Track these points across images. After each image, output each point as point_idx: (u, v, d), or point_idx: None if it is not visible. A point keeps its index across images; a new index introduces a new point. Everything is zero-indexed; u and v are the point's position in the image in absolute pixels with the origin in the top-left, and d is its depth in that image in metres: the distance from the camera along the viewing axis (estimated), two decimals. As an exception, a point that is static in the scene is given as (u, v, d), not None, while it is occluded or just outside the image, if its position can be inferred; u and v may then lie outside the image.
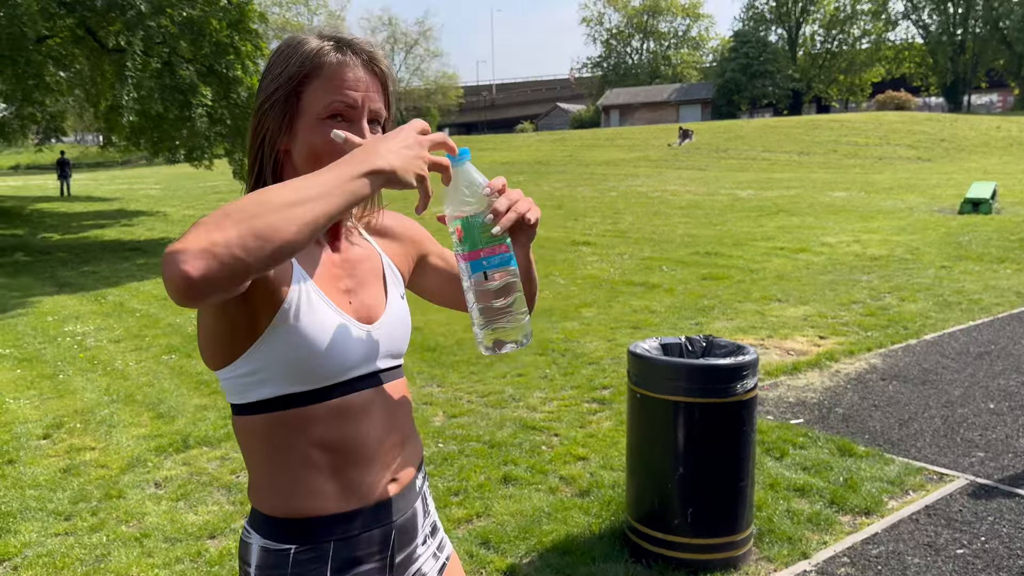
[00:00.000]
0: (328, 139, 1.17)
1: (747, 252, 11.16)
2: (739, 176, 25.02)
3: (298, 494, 1.21)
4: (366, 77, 1.22)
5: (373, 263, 1.35)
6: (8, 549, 3.51)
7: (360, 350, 1.24)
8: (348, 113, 1.20)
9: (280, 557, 1.22)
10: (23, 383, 6.17)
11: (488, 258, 1.16)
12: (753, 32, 63.14)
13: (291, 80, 1.20)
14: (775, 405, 5.14)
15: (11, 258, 13.51)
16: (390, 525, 1.29)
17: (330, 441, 1.21)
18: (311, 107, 1.20)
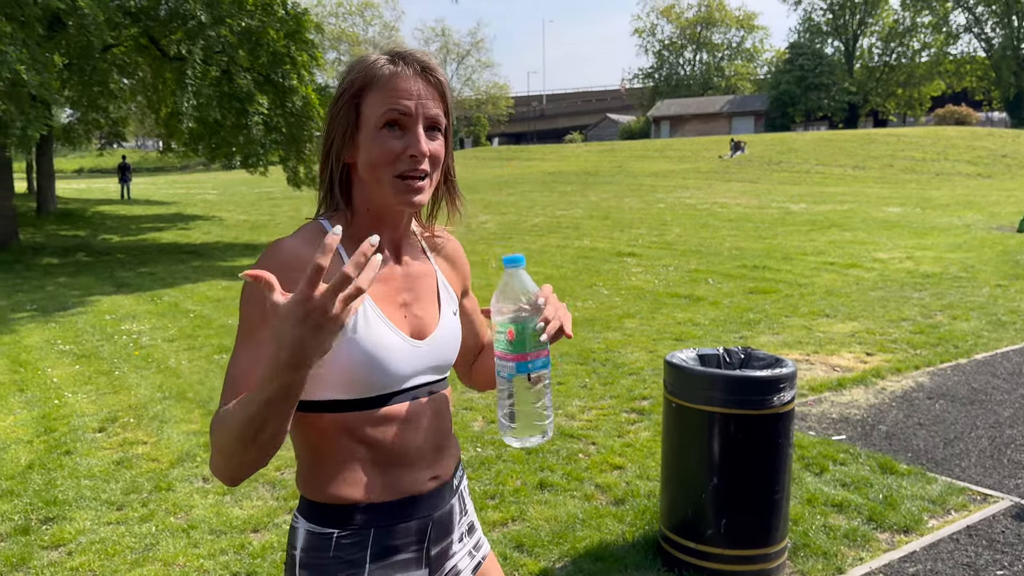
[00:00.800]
0: (384, 149, 1.24)
1: (796, 266, 11.03)
2: (791, 189, 24.71)
3: (343, 484, 1.29)
4: (420, 86, 1.26)
5: (429, 280, 1.42)
6: (64, 535, 3.67)
7: (410, 364, 1.31)
8: (402, 121, 1.25)
9: (324, 540, 1.30)
10: (81, 378, 6.41)
11: (533, 361, 1.25)
12: (809, 44, 62.30)
13: (351, 94, 1.26)
14: (817, 421, 5.09)
15: (73, 258, 14.00)
16: (427, 518, 1.36)
17: (376, 442, 1.29)
18: (369, 119, 1.25)
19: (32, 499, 4.07)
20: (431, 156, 1.27)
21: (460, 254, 1.54)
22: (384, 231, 1.33)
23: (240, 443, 1.09)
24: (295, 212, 21.48)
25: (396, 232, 1.36)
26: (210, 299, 9.84)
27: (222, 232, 17.99)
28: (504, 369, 1.26)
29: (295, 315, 0.98)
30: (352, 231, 1.30)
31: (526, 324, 1.24)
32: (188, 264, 13.13)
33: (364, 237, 1.22)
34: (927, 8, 60.81)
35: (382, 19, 70.62)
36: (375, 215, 1.32)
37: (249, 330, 1.21)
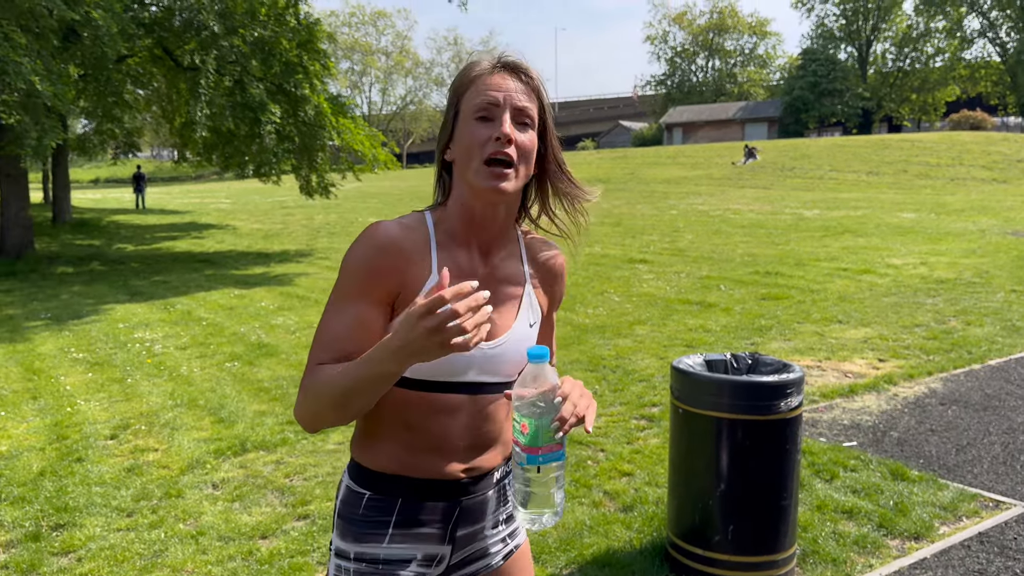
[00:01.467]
0: (473, 135, 1.34)
1: (809, 272, 10.98)
2: (804, 195, 24.60)
3: (381, 454, 1.43)
4: (511, 82, 1.37)
5: (515, 287, 1.48)
6: (73, 541, 3.69)
7: (464, 362, 1.38)
8: (491, 111, 1.34)
9: (357, 497, 1.45)
10: (94, 386, 6.45)
11: (544, 455, 1.27)
12: (822, 50, 62.08)
13: (453, 96, 1.40)
14: (828, 427, 5.06)
15: (88, 267, 14.12)
16: (456, 503, 1.46)
17: (415, 425, 1.39)
18: (465, 113, 1.37)
19: (43, 506, 4.09)
20: (518, 145, 1.34)
21: (557, 270, 1.56)
22: (474, 231, 1.43)
23: (332, 406, 1.28)
24: (308, 221, 21.59)
25: (487, 234, 1.44)
26: (223, 307, 9.89)
27: (235, 241, 18.10)
28: (516, 456, 1.30)
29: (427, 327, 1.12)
30: (445, 226, 1.42)
31: (540, 420, 1.26)
32: (201, 272, 13.22)
33: (456, 234, 1.42)
34: (941, 13, 60.49)
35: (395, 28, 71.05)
36: (468, 208, 1.40)
37: (345, 296, 1.36)
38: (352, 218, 21.59)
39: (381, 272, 1.35)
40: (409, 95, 74.10)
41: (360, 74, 72.41)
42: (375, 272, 1.35)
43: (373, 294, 1.35)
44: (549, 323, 1.59)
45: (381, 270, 1.35)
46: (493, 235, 1.44)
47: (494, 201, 1.38)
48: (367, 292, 1.35)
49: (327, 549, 3.55)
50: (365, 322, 1.34)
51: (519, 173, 1.36)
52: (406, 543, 1.44)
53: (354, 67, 71.46)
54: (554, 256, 1.56)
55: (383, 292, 1.35)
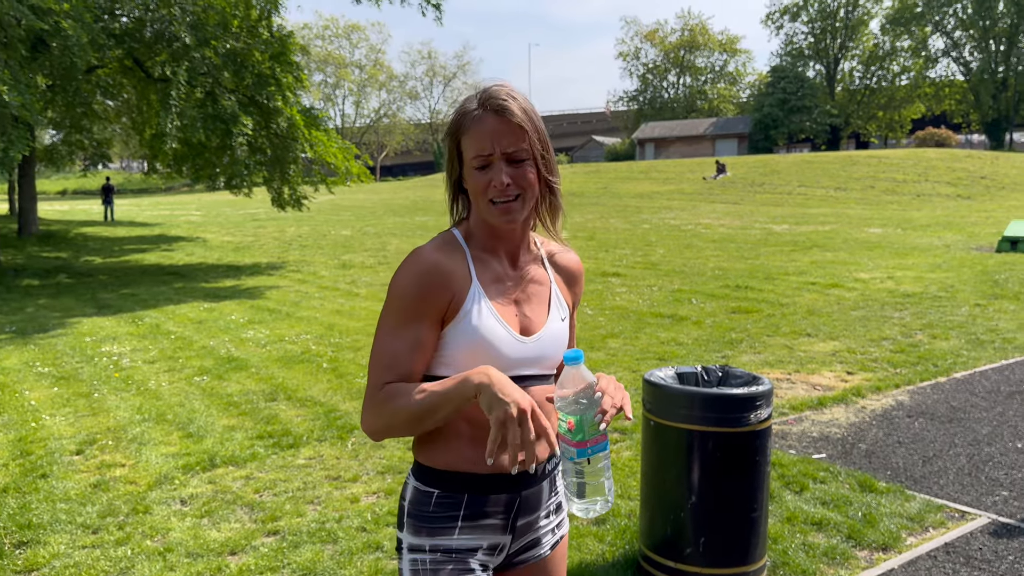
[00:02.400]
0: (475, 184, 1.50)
1: (778, 286, 11.10)
2: (774, 210, 24.91)
3: (446, 452, 1.54)
4: (499, 126, 1.48)
5: (543, 287, 1.65)
6: (37, 559, 3.62)
7: (513, 355, 1.54)
8: (487, 161, 1.49)
9: (426, 496, 1.56)
10: (60, 400, 6.34)
11: (592, 447, 1.41)
12: (791, 67, 63.06)
13: (452, 134, 1.55)
14: (798, 439, 5.11)
15: (54, 280, 13.89)
16: (516, 493, 1.58)
17: (477, 420, 1.48)
18: (466, 158, 1.52)
19: (6, 523, 4.01)
20: (517, 183, 1.50)
21: (576, 271, 1.75)
22: (500, 242, 1.59)
23: (408, 423, 1.45)
24: (280, 233, 21.44)
25: (511, 243, 1.60)
26: (192, 320, 9.78)
27: (205, 253, 17.92)
28: (567, 452, 1.42)
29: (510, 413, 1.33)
30: (475, 240, 1.58)
31: (584, 416, 1.39)
32: (171, 285, 13.06)
33: (485, 246, 1.58)
34: (906, 33, 61.79)
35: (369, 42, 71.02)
36: (490, 229, 1.57)
37: (400, 320, 1.50)
38: (325, 231, 21.48)
39: (431, 294, 1.49)
40: (383, 108, 74.08)
41: (334, 87, 72.25)
42: (426, 295, 1.49)
43: (427, 316, 1.49)
44: (571, 322, 1.74)
45: (431, 292, 1.49)
46: (516, 244, 1.60)
47: (509, 229, 1.56)
48: (421, 314, 1.49)
49: (296, 566, 3.52)
50: (422, 342, 1.50)
51: (525, 203, 1.53)
52: (474, 534, 1.56)
53: (327, 80, 71.29)
54: (572, 259, 1.74)
55: (435, 311, 1.50)
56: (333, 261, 15.56)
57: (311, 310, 10.40)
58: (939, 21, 60.66)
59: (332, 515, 4.05)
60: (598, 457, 1.41)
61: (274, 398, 6.26)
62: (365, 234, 20.32)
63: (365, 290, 12.01)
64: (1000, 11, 57.30)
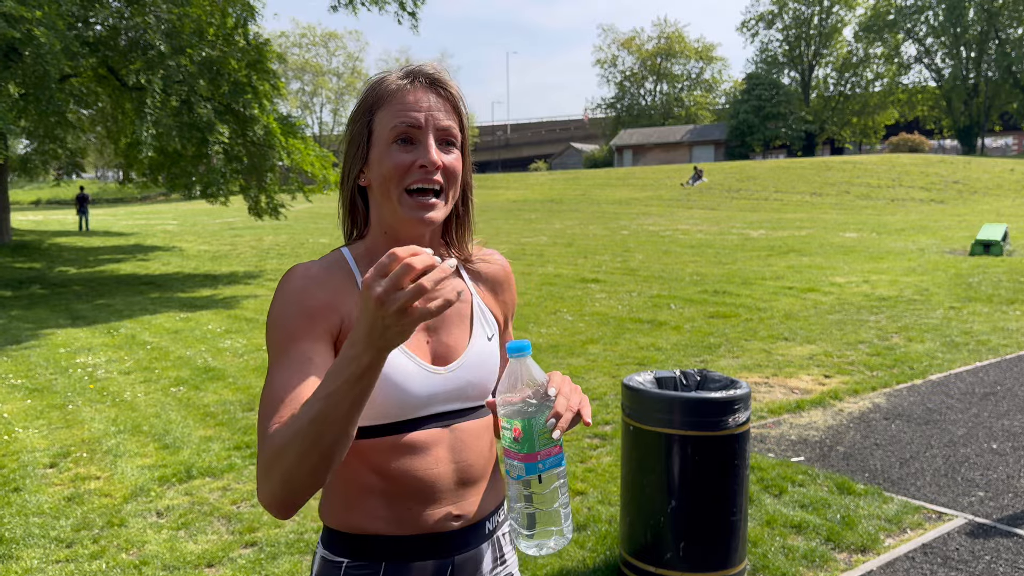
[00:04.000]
0: (394, 163, 1.21)
1: (756, 291, 11.18)
2: (751, 216, 25.11)
3: (357, 513, 1.25)
4: (430, 98, 1.23)
5: (462, 305, 1.34)
6: (9, 575, 3.55)
7: (426, 392, 1.25)
8: (413, 134, 1.22)
9: (334, 568, 1.27)
10: (33, 413, 6.25)
11: (544, 460, 1.12)
12: (766, 74, 63.74)
13: (363, 114, 1.26)
14: (776, 443, 5.14)
15: (27, 291, 13.71)
16: (448, 560, 1.28)
17: (388, 471, 1.23)
18: (380, 136, 1.24)
19: (-23, 538, 3.94)
20: (445, 169, 1.23)
21: (502, 277, 1.45)
22: None
23: (303, 453, 1.02)
24: (257, 242, 21.30)
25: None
26: (168, 331, 9.68)
27: (182, 263, 17.76)
28: (513, 470, 1.14)
29: (378, 294, 0.94)
30: (369, 256, 1.29)
31: (533, 420, 1.12)
32: (146, 295, 12.93)
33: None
34: (879, 40, 62.68)
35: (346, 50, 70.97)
36: (392, 237, 1.27)
37: (282, 351, 1.18)
38: (303, 239, 21.37)
39: (314, 306, 1.21)
40: (361, 116, 73.88)
41: (311, 95, 72.08)
42: (308, 308, 1.20)
43: (313, 331, 1.20)
44: (507, 335, 1.47)
45: (313, 304, 1.21)
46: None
47: (421, 232, 1.26)
48: (306, 331, 1.19)
49: (276, 576, 3.48)
50: (313, 360, 1.17)
51: (447, 199, 1.26)
52: None
53: (305, 88, 71.12)
54: (496, 262, 1.44)
55: (321, 329, 1.20)
56: (311, 269, 15.46)
57: (289, 319, 10.33)
58: (911, 28, 61.59)
59: (311, 525, 4.01)
60: (551, 475, 1.13)
61: (252, 408, 6.20)
62: (340, 241, 20.20)
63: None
64: (970, 18, 58.31)
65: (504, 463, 1.17)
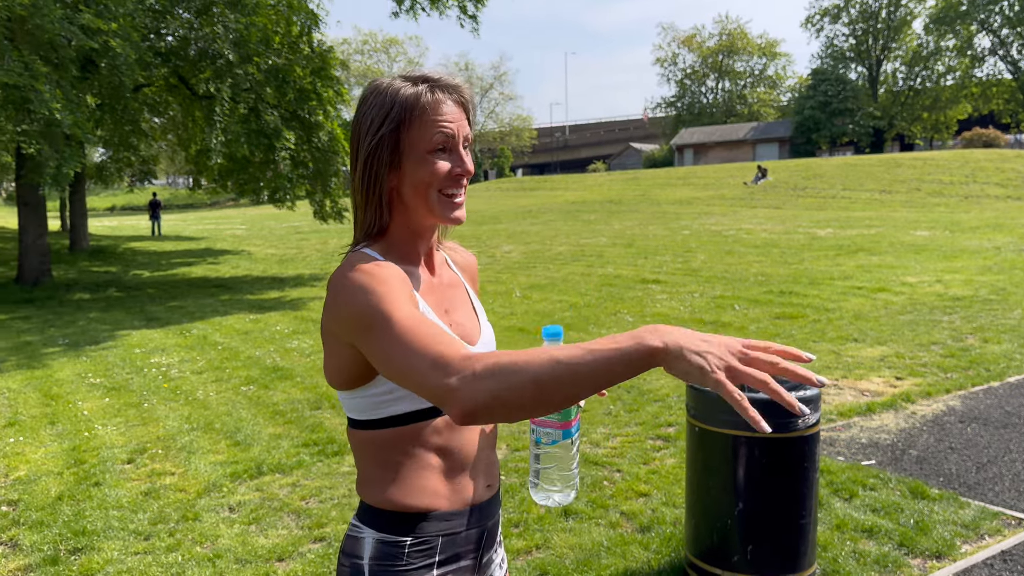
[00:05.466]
0: (434, 170, 1.32)
1: (824, 291, 10.93)
2: (817, 215, 24.54)
3: (417, 493, 1.33)
4: (453, 106, 1.35)
5: (461, 290, 1.50)
6: (92, 565, 3.70)
7: None
8: (448, 143, 1.34)
9: (396, 549, 1.33)
10: (111, 411, 6.49)
11: (576, 425, 1.32)
12: (832, 70, 62.17)
13: (395, 124, 1.33)
14: (846, 446, 5.02)
15: (105, 294, 14.24)
16: (484, 527, 1.43)
17: (446, 448, 1.35)
18: (416, 144, 1.33)
19: (61, 530, 4.11)
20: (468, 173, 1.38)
21: (474, 269, 1.61)
22: (420, 245, 1.42)
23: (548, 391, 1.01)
24: (322, 245, 21.71)
25: (426, 246, 1.43)
26: (238, 332, 9.94)
27: (250, 266, 18.22)
28: (546, 437, 1.30)
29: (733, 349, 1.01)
30: (394, 253, 1.38)
31: None
32: (217, 298, 13.30)
33: (406, 256, 1.39)
34: (951, 32, 60.54)
35: (406, 55, 71.70)
36: (415, 231, 1.39)
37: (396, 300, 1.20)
38: (365, 242, 21.69)
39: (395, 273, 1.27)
40: (421, 120, 74.58)
41: (372, 100, 72.97)
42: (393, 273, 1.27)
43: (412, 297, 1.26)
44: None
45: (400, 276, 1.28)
46: (432, 247, 1.46)
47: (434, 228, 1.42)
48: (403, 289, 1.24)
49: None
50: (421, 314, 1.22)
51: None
52: None
53: (366, 93, 72.07)
54: (468, 256, 1.61)
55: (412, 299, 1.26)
56: (374, 272, 15.69)
57: (353, 320, 10.50)
58: (985, 19, 59.33)
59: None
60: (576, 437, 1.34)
61: (319, 406, 6.33)
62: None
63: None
64: (1049, 7, 55.89)
65: (534, 431, 1.33)
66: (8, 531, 4.16)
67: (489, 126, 73.27)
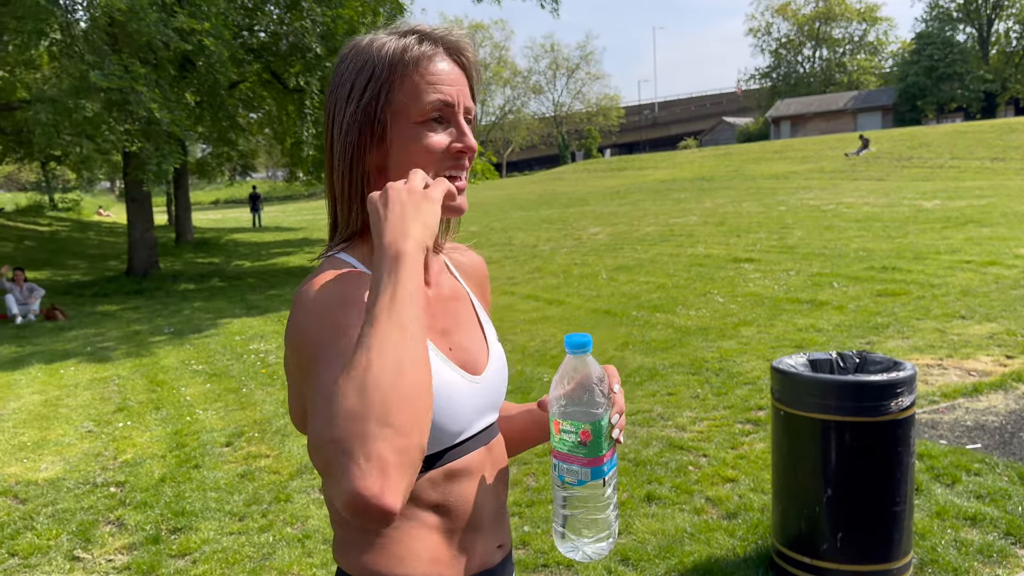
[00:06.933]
0: (428, 146, 1.06)
1: (929, 266, 10.38)
2: (923, 186, 23.35)
3: (409, 560, 1.06)
4: (456, 70, 1.09)
5: (465, 304, 1.21)
6: (189, 544, 3.87)
7: (471, 407, 1.10)
8: (445, 111, 1.07)
9: None
10: (212, 396, 6.77)
11: (609, 462, 1.04)
12: (938, 32, 58.86)
13: (375, 83, 1.05)
14: (950, 429, 4.75)
15: (208, 283, 14.87)
16: None
17: (448, 505, 1.08)
18: (404, 112, 1.06)
19: (163, 510, 4.31)
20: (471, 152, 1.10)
21: (483, 272, 1.32)
22: None
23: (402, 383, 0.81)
24: (412, 232, 22.04)
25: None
26: (331, 318, 10.20)
27: (344, 254, 18.66)
28: (572, 475, 1.03)
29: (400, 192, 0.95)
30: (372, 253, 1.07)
31: (601, 421, 1.02)
32: (312, 286, 13.68)
33: None
34: (1072, -16, 56.42)
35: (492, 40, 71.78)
36: None
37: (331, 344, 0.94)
38: (455, 228, 21.90)
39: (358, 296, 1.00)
40: (507, 104, 74.79)
41: (460, 87, 73.44)
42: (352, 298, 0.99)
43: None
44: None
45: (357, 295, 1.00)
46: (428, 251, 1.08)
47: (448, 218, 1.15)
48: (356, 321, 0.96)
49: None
50: None
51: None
52: None
53: (453, 80, 72.56)
54: (475, 257, 1.32)
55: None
56: (463, 257, 15.83)
57: (442, 305, 10.62)
58: (1111, -32, 54.98)
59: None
60: (612, 478, 1.05)
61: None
62: (491, 230, 20.56)
63: (491, 284, 12.16)
64: None
65: (555, 467, 1.06)
66: (115, 511, 4.39)
67: (576, 107, 72.76)
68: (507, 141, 72.99)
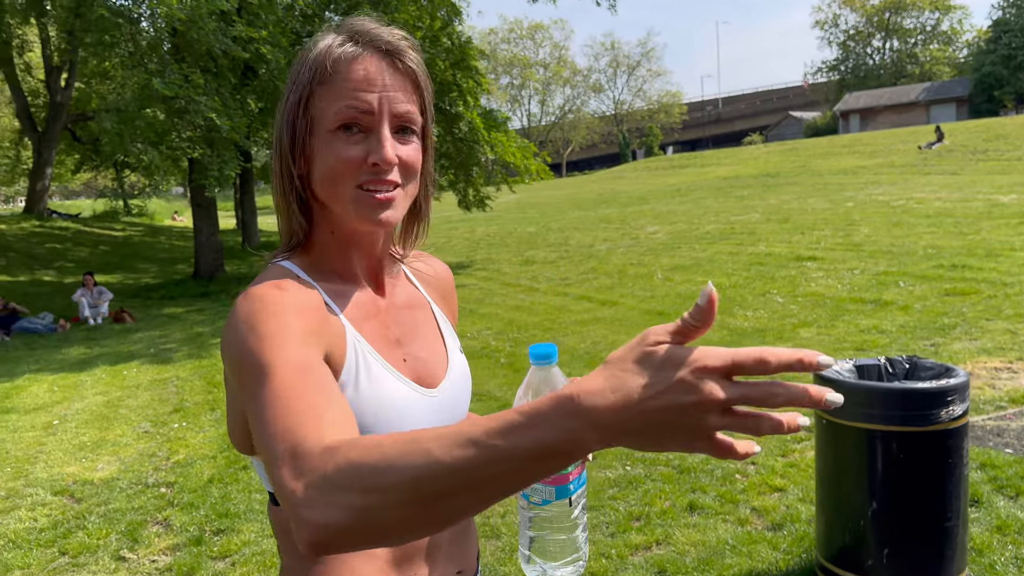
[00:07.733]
0: (340, 158, 0.97)
1: (1002, 264, 9.92)
2: (1000, 179, 22.38)
3: None
4: (385, 74, 0.98)
5: (424, 313, 1.15)
6: (230, 546, 3.91)
7: (426, 423, 1.02)
8: (363, 120, 0.97)
9: None
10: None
11: (575, 481, 0.96)
12: (1016, 19, 56.43)
13: (301, 92, 0.99)
14: (1017, 436, 4.50)
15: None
16: None
17: None
18: (321, 119, 0.99)
19: (208, 511, 4.38)
20: (402, 164, 1.00)
21: (448, 281, 1.25)
22: (355, 256, 1.07)
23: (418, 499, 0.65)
24: (470, 233, 22.14)
25: (371, 257, 1.09)
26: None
27: (402, 256, 18.84)
28: (537, 495, 0.96)
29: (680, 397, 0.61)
30: (322, 268, 1.05)
31: None
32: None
33: (333, 268, 1.05)
34: None
35: (552, 40, 71.77)
36: (342, 239, 1.05)
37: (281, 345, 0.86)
38: (511, 228, 21.92)
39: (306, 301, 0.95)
40: (567, 104, 74.62)
41: (519, 88, 73.73)
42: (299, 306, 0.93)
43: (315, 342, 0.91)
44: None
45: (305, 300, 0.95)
46: (377, 259, 1.10)
47: (375, 234, 1.06)
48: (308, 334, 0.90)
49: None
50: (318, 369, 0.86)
51: (407, 194, 1.03)
52: None
53: (513, 81, 72.87)
54: (439, 266, 1.25)
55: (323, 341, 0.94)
56: (517, 258, 15.82)
57: (492, 306, 10.60)
58: None
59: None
60: (579, 497, 0.97)
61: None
62: (549, 230, 20.49)
63: (545, 285, 12.09)
64: None
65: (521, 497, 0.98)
66: (163, 511, 4.48)
67: (637, 105, 72.13)
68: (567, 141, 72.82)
